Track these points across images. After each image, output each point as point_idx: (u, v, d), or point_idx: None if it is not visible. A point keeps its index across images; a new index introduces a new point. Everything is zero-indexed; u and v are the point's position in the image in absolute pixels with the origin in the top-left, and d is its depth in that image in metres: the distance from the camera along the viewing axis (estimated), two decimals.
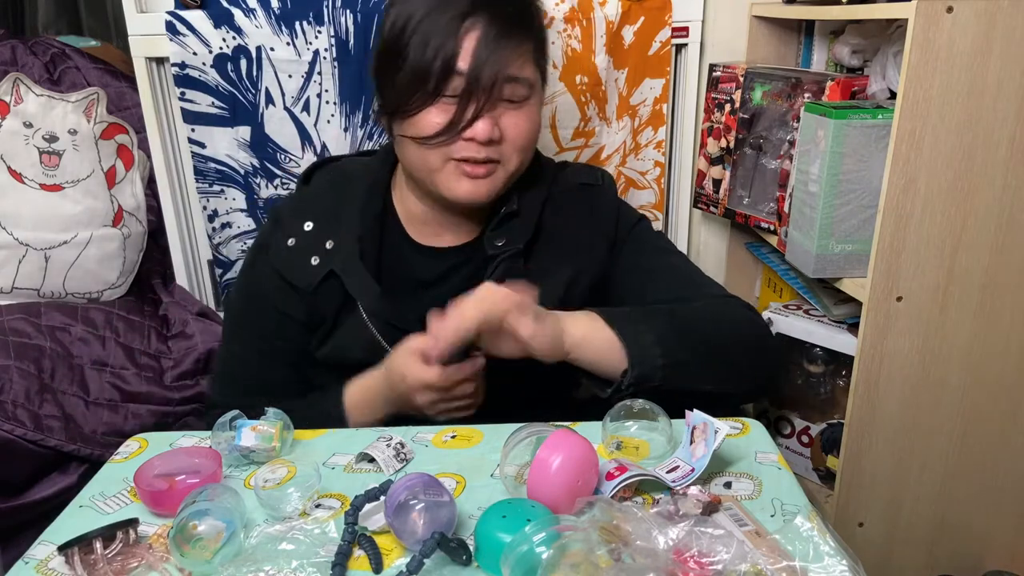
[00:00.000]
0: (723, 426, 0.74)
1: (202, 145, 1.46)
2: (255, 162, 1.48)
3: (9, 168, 1.42)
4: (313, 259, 1.00)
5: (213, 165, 1.48)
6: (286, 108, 1.43)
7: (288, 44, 1.38)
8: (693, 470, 0.74)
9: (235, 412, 0.84)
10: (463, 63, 0.89)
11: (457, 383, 0.88)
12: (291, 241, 1.02)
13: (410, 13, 0.91)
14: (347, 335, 1.00)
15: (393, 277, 1.03)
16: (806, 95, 1.24)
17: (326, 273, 0.99)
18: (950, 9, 0.95)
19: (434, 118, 0.91)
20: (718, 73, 1.42)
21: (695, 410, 0.78)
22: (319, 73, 1.40)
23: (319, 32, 1.37)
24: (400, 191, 1.05)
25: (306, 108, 1.42)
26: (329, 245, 1.00)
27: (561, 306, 0.95)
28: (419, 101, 0.91)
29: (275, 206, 1.13)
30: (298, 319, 1.02)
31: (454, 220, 1.03)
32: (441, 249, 1.04)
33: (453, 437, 0.87)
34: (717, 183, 1.46)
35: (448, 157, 0.93)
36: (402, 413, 0.93)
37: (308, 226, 1.02)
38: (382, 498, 0.70)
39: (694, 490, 0.70)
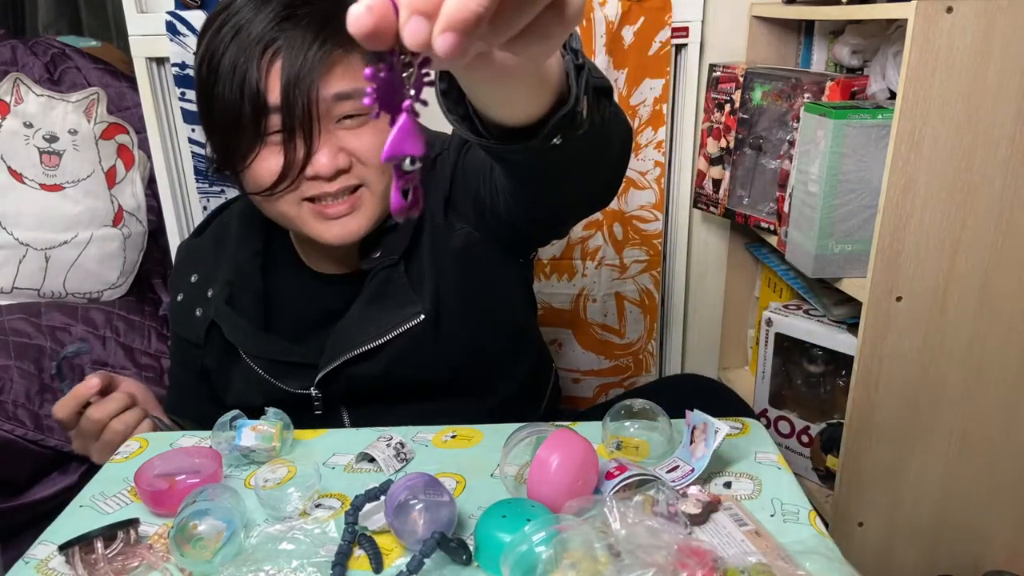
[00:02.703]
0: (723, 426, 0.74)
1: (202, 145, 1.46)
2: None
3: (9, 168, 1.42)
4: (197, 311, 0.97)
5: None
6: None
7: None
8: (693, 470, 0.74)
9: (235, 412, 0.84)
10: (273, 97, 0.78)
11: (99, 428, 0.88)
12: (180, 296, 1.00)
13: (213, 49, 0.80)
14: (240, 381, 0.96)
15: (293, 311, 0.97)
16: (806, 95, 1.24)
17: (210, 322, 0.95)
18: (950, 9, 0.95)
19: (268, 164, 0.81)
20: (718, 73, 1.42)
21: (695, 410, 0.78)
22: None
23: None
24: None
25: None
26: (210, 294, 0.96)
27: (436, 294, 0.90)
28: (245, 148, 0.81)
29: (177, 253, 1.08)
30: (203, 370, 1.01)
31: (347, 250, 0.93)
32: (344, 275, 0.96)
33: (453, 437, 0.87)
34: (717, 183, 1.46)
35: (301, 199, 0.84)
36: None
37: (193, 278, 0.99)
38: (382, 498, 0.70)
39: (694, 490, 0.70)
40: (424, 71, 0.37)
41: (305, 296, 0.98)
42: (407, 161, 0.37)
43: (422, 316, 0.90)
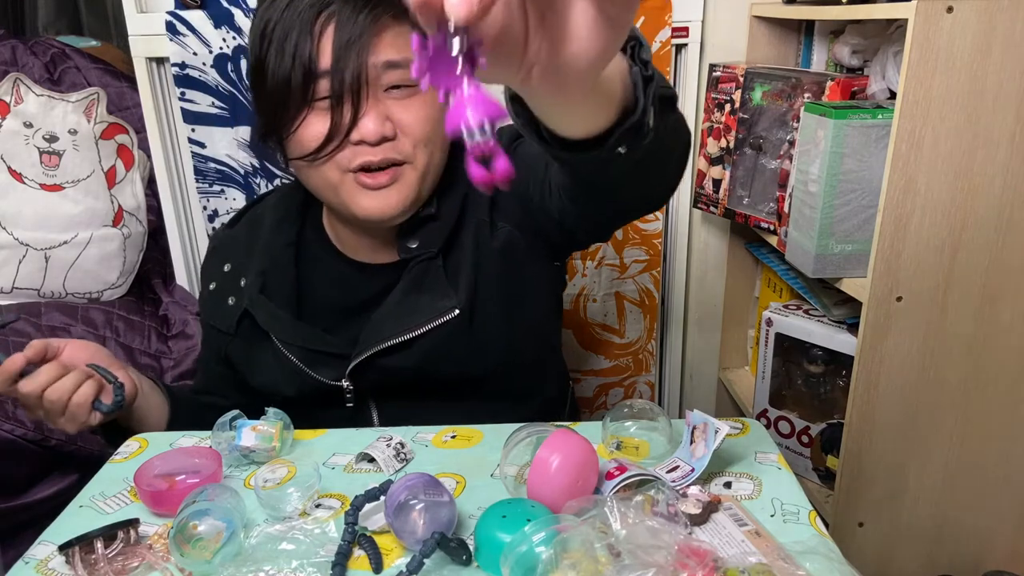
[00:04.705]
0: (723, 426, 0.74)
1: (202, 145, 1.47)
2: (255, 162, 1.48)
3: (9, 168, 1.42)
4: (230, 299, 0.98)
5: (213, 165, 1.48)
6: None
7: None
8: (693, 470, 0.74)
9: (235, 412, 0.84)
10: (324, 62, 0.80)
11: (36, 400, 0.86)
12: (212, 285, 1.01)
13: (267, 18, 0.82)
14: (270, 370, 0.96)
15: (325, 300, 0.98)
16: (806, 95, 1.24)
17: (243, 311, 0.96)
18: (950, 9, 0.95)
19: (314, 129, 0.82)
20: (718, 73, 1.42)
21: (695, 410, 0.78)
22: None
23: None
24: (327, 210, 0.99)
25: None
26: (243, 283, 0.97)
27: (473, 290, 0.91)
28: (292, 113, 0.82)
29: (211, 242, 1.10)
30: (228, 357, 1.01)
31: (384, 238, 0.95)
32: (381, 265, 0.96)
33: (453, 437, 0.87)
34: (717, 183, 1.46)
35: (344, 169, 0.84)
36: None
37: (226, 268, 1.00)
38: (382, 498, 0.70)
39: (694, 490, 0.70)
40: (473, 45, 0.35)
41: (339, 285, 0.98)
42: (466, 134, 0.36)
43: (456, 311, 0.90)
